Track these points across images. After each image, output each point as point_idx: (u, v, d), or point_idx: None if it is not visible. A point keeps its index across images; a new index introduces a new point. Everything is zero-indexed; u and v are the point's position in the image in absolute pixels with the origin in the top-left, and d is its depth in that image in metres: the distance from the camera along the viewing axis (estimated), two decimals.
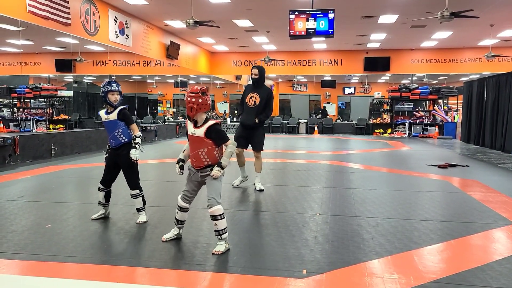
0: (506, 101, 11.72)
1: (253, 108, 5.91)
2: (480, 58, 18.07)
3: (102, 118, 4.35)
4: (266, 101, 5.91)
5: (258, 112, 5.89)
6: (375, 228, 4.22)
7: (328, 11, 10.06)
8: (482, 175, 7.61)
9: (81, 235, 3.98)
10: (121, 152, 4.29)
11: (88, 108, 23.57)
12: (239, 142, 5.94)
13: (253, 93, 5.97)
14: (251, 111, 5.92)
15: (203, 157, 3.52)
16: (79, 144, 11.02)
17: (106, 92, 4.26)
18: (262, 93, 5.92)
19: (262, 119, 5.91)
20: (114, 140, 4.30)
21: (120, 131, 4.26)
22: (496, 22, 13.60)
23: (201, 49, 19.42)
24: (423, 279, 2.97)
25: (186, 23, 10.78)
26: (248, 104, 5.97)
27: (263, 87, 6.00)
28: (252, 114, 5.89)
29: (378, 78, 29.58)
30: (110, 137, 4.31)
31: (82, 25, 10.69)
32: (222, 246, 3.48)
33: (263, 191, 5.96)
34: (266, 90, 6.00)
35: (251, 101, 5.95)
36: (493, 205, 5.19)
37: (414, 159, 10.31)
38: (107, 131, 4.34)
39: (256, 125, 5.93)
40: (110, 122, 4.28)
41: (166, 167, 8.82)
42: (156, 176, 7.76)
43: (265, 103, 5.90)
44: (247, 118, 5.97)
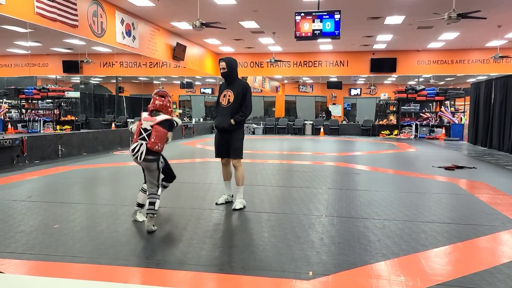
0: None
1: (227, 107, 4.98)
2: (487, 59, 17.95)
3: None
4: (242, 97, 4.98)
5: (233, 111, 4.95)
6: (382, 230, 4.20)
7: (334, 12, 10.04)
8: (489, 177, 7.55)
9: (88, 235, 4.01)
10: None
11: (95, 109, 23.75)
12: (219, 151, 5.14)
13: (226, 90, 5.06)
14: (225, 112, 4.99)
15: None
16: (86, 145, 11.09)
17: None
18: (237, 89, 4.99)
19: (238, 119, 4.94)
20: None
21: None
22: (504, 23, 13.51)
23: (207, 50, 19.47)
24: (430, 282, 2.95)
25: (192, 25, 10.81)
26: (221, 104, 5.05)
27: (237, 82, 5.07)
28: (227, 115, 4.96)
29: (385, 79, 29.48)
30: None
31: (89, 26, 10.77)
32: None
33: (243, 209, 4.99)
34: (241, 84, 5.06)
35: (225, 99, 5.03)
36: (501, 208, 5.15)
37: (421, 160, 10.26)
38: None
39: (232, 127, 4.95)
40: None
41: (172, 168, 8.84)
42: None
43: (241, 100, 4.97)
44: (221, 120, 5.00)
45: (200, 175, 7.93)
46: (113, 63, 20.99)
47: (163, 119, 4.10)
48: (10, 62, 21.31)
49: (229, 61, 5.03)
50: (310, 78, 29.30)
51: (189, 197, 5.78)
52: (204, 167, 9.19)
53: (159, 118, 4.09)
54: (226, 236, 3.99)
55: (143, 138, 4.07)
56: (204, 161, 10.09)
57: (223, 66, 4.99)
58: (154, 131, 4.03)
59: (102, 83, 30.99)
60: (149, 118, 4.12)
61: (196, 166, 9.35)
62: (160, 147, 4.08)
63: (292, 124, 22.19)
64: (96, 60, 19.86)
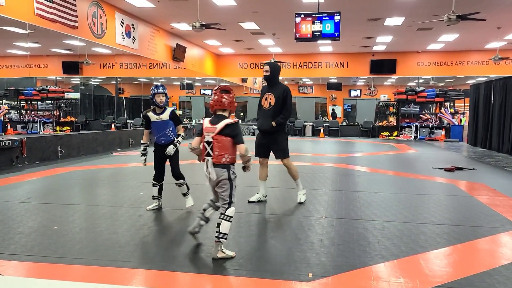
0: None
1: (269, 110, 5.26)
2: (487, 61, 17.97)
3: (152, 118, 4.81)
4: (283, 100, 5.23)
5: (274, 114, 5.21)
6: (381, 231, 4.20)
7: (334, 13, 10.06)
8: (489, 179, 7.55)
9: (87, 237, 4.00)
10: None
11: (94, 110, 23.74)
12: (258, 151, 5.45)
13: (268, 93, 5.33)
14: (267, 114, 5.26)
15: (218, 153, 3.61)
16: (86, 146, 11.08)
17: (154, 95, 4.73)
18: (277, 92, 5.25)
19: (279, 121, 5.20)
20: (165, 137, 4.84)
21: (170, 129, 4.85)
22: (503, 24, 13.52)
23: (207, 51, 19.48)
24: (429, 283, 2.95)
25: (192, 26, 10.82)
26: (263, 106, 5.35)
27: (279, 86, 5.33)
28: (269, 117, 5.23)
29: (384, 80, 29.48)
30: (160, 135, 4.82)
31: (89, 27, 10.77)
32: None
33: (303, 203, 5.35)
34: (282, 88, 5.31)
35: (266, 102, 5.31)
36: (500, 209, 5.14)
37: (421, 162, 10.26)
38: (157, 130, 4.80)
39: (274, 129, 5.22)
40: (162, 122, 4.80)
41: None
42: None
43: (282, 103, 5.23)
44: (263, 123, 5.30)
45: (201, 176, 7.91)
46: (113, 64, 21.00)
47: (223, 127, 3.45)
48: (9, 63, 21.31)
49: (273, 65, 5.34)
50: (310, 79, 29.30)
51: None
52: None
53: (219, 126, 3.45)
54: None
55: (208, 153, 3.53)
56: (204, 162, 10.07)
57: (266, 69, 5.28)
58: (216, 142, 3.47)
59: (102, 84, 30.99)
60: (210, 129, 3.50)
61: (196, 168, 9.34)
62: (229, 158, 3.49)
63: (292, 125, 22.19)
64: (96, 61, 19.86)
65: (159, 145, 4.88)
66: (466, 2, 10.52)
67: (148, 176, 4.39)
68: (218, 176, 3.50)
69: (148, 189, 6.28)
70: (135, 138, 13.68)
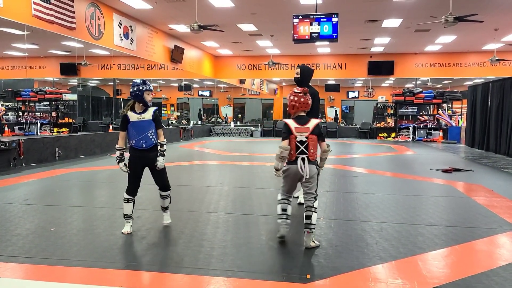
0: (510, 105, 11.67)
1: None
2: (484, 62, 18.03)
3: (132, 118, 4.04)
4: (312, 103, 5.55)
5: None
6: (379, 232, 4.20)
7: (332, 15, 10.07)
8: (486, 180, 7.57)
9: (85, 238, 3.99)
10: (152, 154, 4.12)
11: (92, 112, 23.70)
12: None
13: None
14: None
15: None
16: (84, 147, 11.07)
17: (143, 91, 4.00)
18: None
19: None
20: (146, 141, 4.06)
21: (152, 132, 4.08)
22: (501, 26, 13.58)
23: (205, 53, 19.49)
24: (427, 285, 2.95)
25: (190, 27, 10.83)
26: None
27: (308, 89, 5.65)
28: None
29: (382, 82, 29.56)
30: (141, 138, 4.05)
31: (87, 29, 10.76)
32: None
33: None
34: (311, 91, 5.43)
35: None
36: (497, 210, 5.16)
37: (418, 163, 10.27)
38: (137, 132, 4.04)
39: None
40: (144, 122, 4.05)
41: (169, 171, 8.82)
42: None
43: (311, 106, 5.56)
44: None
45: (199, 178, 7.92)
46: (111, 66, 20.99)
47: (315, 126, 3.80)
48: (7, 65, 21.28)
49: (304, 69, 5.44)
50: None
51: (187, 200, 5.77)
52: (203, 169, 9.18)
53: (311, 126, 3.78)
54: (224, 239, 3.98)
55: (302, 151, 3.75)
56: (203, 164, 10.08)
57: (297, 72, 5.39)
58: (310, 141, 3.76)
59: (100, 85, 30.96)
60: (302, 129, 3.76)
61: (194, 169, 9.34)
62: (316, 155, 3.85)
63: None
64: (94, 63, 19.85)
65: (138, 150, 4.07)
66: (464, 3, 10.57)
67: (146, 177, 4.36)
68: (312, 172, 3.77)
69: (146, 191, 6.27)
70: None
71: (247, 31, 14.84)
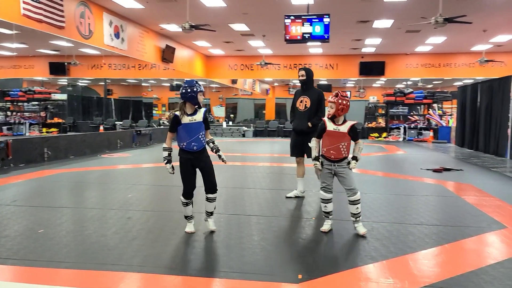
0: (498, 105, 11.81)
1: (304, 112, 5.68)
2: (473, 63, 18.22)
3: (183, 120, 3.95)
4: (318, 103, 5.68)
5: (310, 116, 5.64)
6: (370, 232, 4.22)
7: (323, 15, 10.11)
8: (476, 179, 7.64)
9: (74, 240, 3.95)
10: (202, 155, 4.06)
11: (82, 112, 23.47)
12: (295, 151, 5.86)
13: (303, 96, 5.74)
14: (302, 116, 5.69)
15: (343, 150, 4.11)
16: (73, 148, 10.96)
17: (197, 92, 3.92)
18: (313, 96, 5.69)
19: (315, 122, 5.54)
20: (197, 143, 3.98)
21: (202, 133, 4.02)
22: (489, 27, 13.73)
23: (196, 52, 19.43)
24: (418, 284, 2.97)
25: (182, 27, 10.78)
26: (298, 108, 5.75)
27: (313, 90, 5.80)
28: (304, 119, 5.65)
29: (373, 82, 29.74)
30: (192, 140, 3.97)
31: (77, 28, 10.66)
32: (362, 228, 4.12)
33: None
34: (316, 92, 5.79)
35: (302, 105, 5.72)
36: (487, 209, 5.21)
37: (409, 163, 10.35)
38: (188, 134, 3.96)
39: (310, 129, 5.55)
40: (196, 124, 3.97)
41: (161, 172, 8.79)
42: (151, 180, 7.72)
43: (317, 106, 5.67)
44: (299, 123, 5.72)
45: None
46: (101, 65, 20.82)
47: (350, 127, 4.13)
48: None
49: (308, 71, 5.74)
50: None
51: (178, 201, 5.72)
52: None
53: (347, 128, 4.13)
54: (215, 239, 3.97)
55: None
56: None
57: (302, 74, 5.69)
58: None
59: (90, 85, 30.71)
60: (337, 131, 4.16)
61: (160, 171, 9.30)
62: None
63: (282, 127, 22.23)
64: (84, 62, 19.67)
65: (189, 152, 4.00)
66: (453, 5, 10.67)
67: (138, 177, 4.33)
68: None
69: (137, 191, 6.24)
70: (123, 140, 13.58)
71: (239, 31, 14.83)
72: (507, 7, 11.26)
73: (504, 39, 15.64)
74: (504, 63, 17.87)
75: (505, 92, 11.45)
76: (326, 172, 4.24)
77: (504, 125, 11.40)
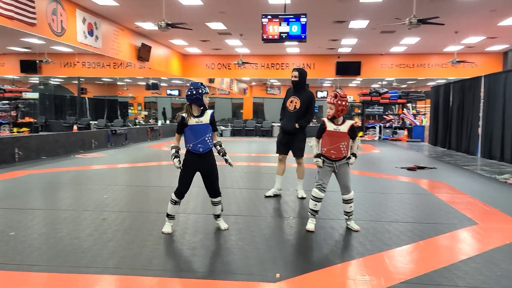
0: (470, 105, 12.16)
1: (294, 112, 5.66)
2: (446, 64, 18.69)
3: (190, 121, 3.96)
4: (307, 105, 5.68)
5: (298, 117, 5.63)
6: (348, 230, 4.27)
7: (300, 15, 10.16)
8: (449, 177, 7.85)
9: (47, 242, 3.84)
10: (207, 158, 4.08)
11: (55, 111, 22.86)
12: (280, 148, 5.87)
13: (293, 97, 5.72)
14: (291, 116, 5.67)
15: (343, 149, 4.20)
16: (46, 148, 10.65)
17: (203, 94, 3.97)
18: (303, 97, 5.67)
19: (302, 124, 5.65)
20: (203, 145, 4.00)
21: (209, 135, 4.04)
22: (461, 29, 14.12)
23: (173, 51, 19.22)
24: (393, 280, 3.02)
25: (158, 25, 10.63)
26: (288, 108, 5.73)
27: (304, 91, 5.79)
28: (293, 119, 5.64)
29: (350, 82, 30.14)
30: (198, 142, 3.98)
31: (49, 25, 10.37)
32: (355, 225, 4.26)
33: (304, 199, 5.73)
34: (307, 93, 5.76)
35: (291, 105, 5.70)
36: (459, 206, 5.35)
37: (384, 161, 10.53)
38: (194, 136, 3.98)
39: (296, 130, 5.63)
40: (202, 126, 4.00)
41: (137, 171, 8.65)
42: (128, 180, 7.59)
43: (306, 108, 5.67)
44: (287, 123, 5.71)
45: (167, 178, 7.79)
46: (75, 63, 20.33)
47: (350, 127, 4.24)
48: None
49: (301, 72, 5.73)
50: (278, 80, 29.52)
51: (155, 201, 5.67)
52: (172, 170, 9.04)
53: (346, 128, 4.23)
54: (192, 240, 3.93)
55: None
56: (171, 164, 9.92)
57: (295, 75, 5.67)
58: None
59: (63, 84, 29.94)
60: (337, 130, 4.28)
61: (163, 169, 9.19)
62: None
63: (260, 126, 22.26)
64: (56, 60, 19.16)
65: (195, 154, 4.02)
66: (427, 6, 10.91)
67: (113, 178, 4.24)
68: None
69: (112, 192, 6.12)
70: (98, 140, 13.30)
71: (216, 29, 14.75)
72: (477, 9, 11.60)
73: (475, 41, 16.12)
74: (475, 64, 18.42)
75: (476, 92, 11.80)
76: (327, 170, 4.28)
77: (475, 124, 11.75)
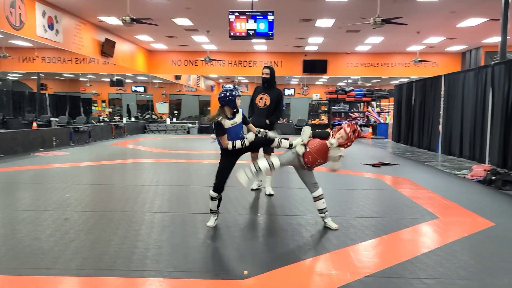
0: (431, 103, 12.60)
1: (263, 109, 5.81)
2: (408, 63, 19.27)
3: (226, 124, 4.15)
4: (276, 102, 5.84)
5: (268, 113, 5.78)
6: (314, 226, 4.32)
7: (267, 13, 10.18)
8: (411, 173, 8.10)
9: (5, 244, 3.66)
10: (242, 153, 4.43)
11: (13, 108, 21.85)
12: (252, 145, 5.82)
13: (263, 94, 5.87)
14: (261, 113, 5.80)
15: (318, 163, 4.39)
16: (3, 146, 10.17)
17: (236, 97, 4.16)
18: (273, 94, 5.83)
19: (273, 120, 5.80)
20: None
21: (242, 132, 4.33)
22: (422, 29, 14.59)
23: (138, 47, 18.82)
24: (359, 274, 3.08)
25: (122, 20, 10.35)
26: (258, 105, 5.86)
27: (274, 88, 5.94)
28: (263, 116, 5.78)
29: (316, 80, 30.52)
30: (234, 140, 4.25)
31: (6, 18, 9.89)
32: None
33: (272, 196, 5.74)
34: (277, 91, 5.94)
35: (261, 102, 5.83)
36: (421, 201, 5.54)
37: (350, 158, 10.73)
38: (231, 137, 4.22)
39: (267, 126, 5.60)
40: (237, 126, 4.27)
41: (101, 170, 8.41)
42: (91, 179, 7.36)
43: (276, 104, 5.83)
44: (257, 120, 5.74)
45: (132, 176, 7.63)
46: (34, 58, 19.51)
47: None
48: None
49: (272, 70, 5.96)
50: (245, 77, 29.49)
51: (120, 200, 5.53)
52: (136, 168, 8.86)
53: None
54: (159, 239, 3.87)
55: None
56: (136, 162, 9.73)
57: (267, 73, 5.86)
58: None
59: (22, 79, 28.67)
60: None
61: (127, 167, 8.99)
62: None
63: None
64: (15, 55, 18.31)
65: (233, 151, 4.33)
66: (390, 7, 11.20)
67: (76, 177, 4.10)
68: None
69: (75, 191, 5.92)
70: (60, 137, 12.84)
71: (182, 25, 14.54)
72: (437, 10, 12.03)
73: (435, 41, 16.72)
74: (435, 63, 19.11)
75: (436, 91, 12.23)
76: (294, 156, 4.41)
77: (436, 121, 12.19)
